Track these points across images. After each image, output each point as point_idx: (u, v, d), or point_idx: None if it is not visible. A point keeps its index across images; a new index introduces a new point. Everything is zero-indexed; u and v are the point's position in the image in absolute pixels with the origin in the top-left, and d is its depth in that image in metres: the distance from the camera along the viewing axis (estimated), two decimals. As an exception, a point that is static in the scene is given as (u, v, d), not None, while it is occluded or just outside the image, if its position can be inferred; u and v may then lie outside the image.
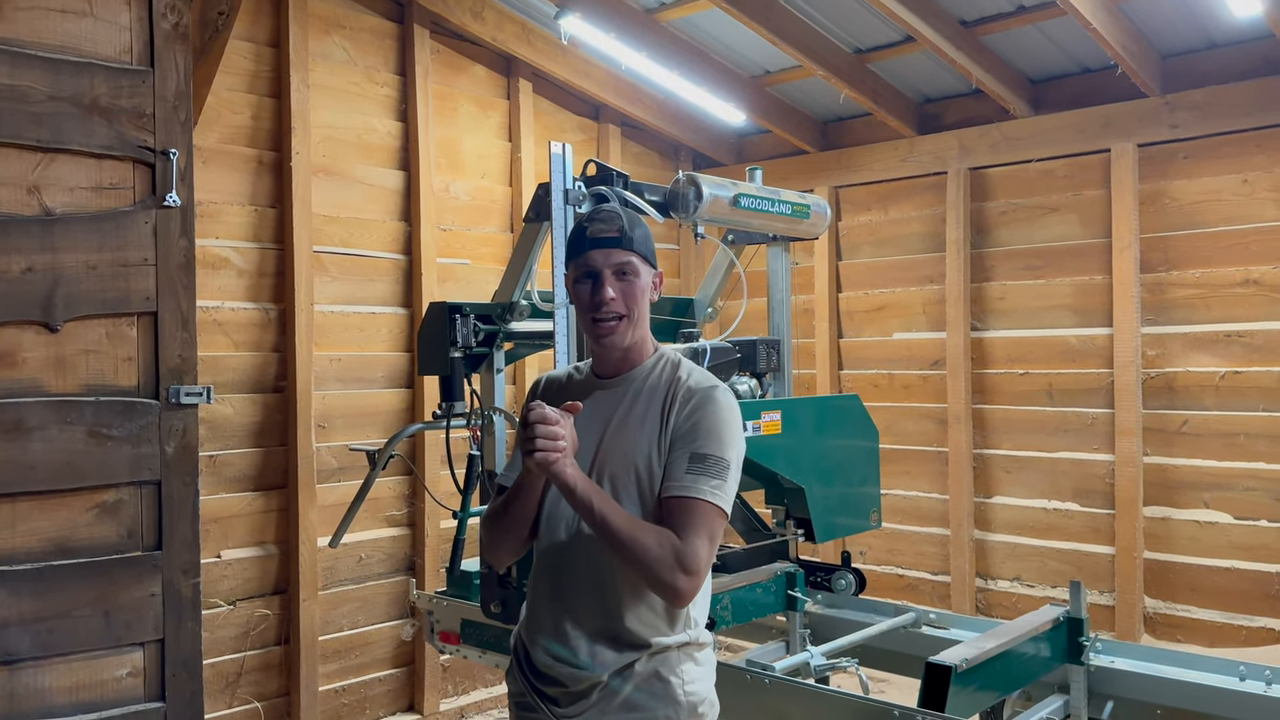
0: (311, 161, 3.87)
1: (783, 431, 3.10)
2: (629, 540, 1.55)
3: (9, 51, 2.11)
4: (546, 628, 1.68)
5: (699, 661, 1.71)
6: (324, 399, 3.89)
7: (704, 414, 1.64)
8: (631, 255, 1.69)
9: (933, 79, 4.50)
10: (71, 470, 2.19)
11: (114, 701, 2.24)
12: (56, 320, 2.18)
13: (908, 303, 4.81)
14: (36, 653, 2.14)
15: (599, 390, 1.75)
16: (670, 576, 1.55)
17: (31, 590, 2.14)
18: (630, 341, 1.71)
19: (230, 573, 3.66)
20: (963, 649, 2.13)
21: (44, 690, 2.16)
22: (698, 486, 1.60)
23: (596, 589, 1.65)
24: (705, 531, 1.58)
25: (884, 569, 4.88)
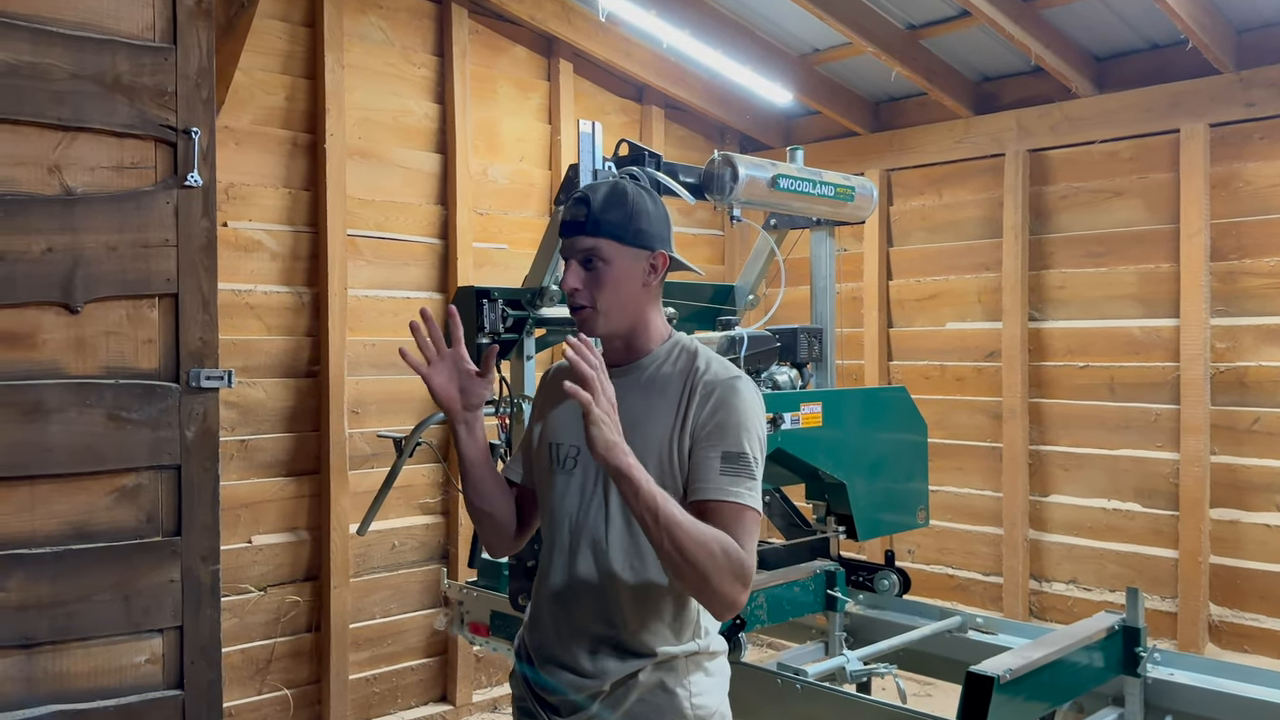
0: (346, 144, 3.86)
1: (824, 424, 3.02)
2: (697, 548, 1.42)
3: (30, 28, 2.11)
4: (548, 633, 1.62)
5: (709, 672, 1.62)
6: (357, 384, 3.89)
7: (730, 408, 1.54)
8: (598, 240, 1.58)
9: (990, 56, 4.35)
10: (90, 453, 2.19)
11: (132, 688, 2.24)
12: (77, 301, 2.18)
13: (962, 291, 4.67)
14: (54, 637, 2.15)
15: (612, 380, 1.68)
16: (731, 588, 1.45)
17: (50, 574, 2.15)
18: (607, 331, 1.62)
19: (261, 558, 3.68)
20: (1007, 658, 2.04)
21: (62, 675, 2.17)
22: (736, 490, 1.50)
23: (599, 594, 1.58)
24: (751, 538, 1.49)
25: (933, 568, 4.76)
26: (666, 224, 1.66)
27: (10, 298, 2.09)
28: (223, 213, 3.60)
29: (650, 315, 1.65)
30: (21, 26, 2.08)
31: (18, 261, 2.09)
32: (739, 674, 2.36)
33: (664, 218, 1.65)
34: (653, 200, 1.64)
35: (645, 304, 1.63)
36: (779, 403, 2.84)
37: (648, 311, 1.64)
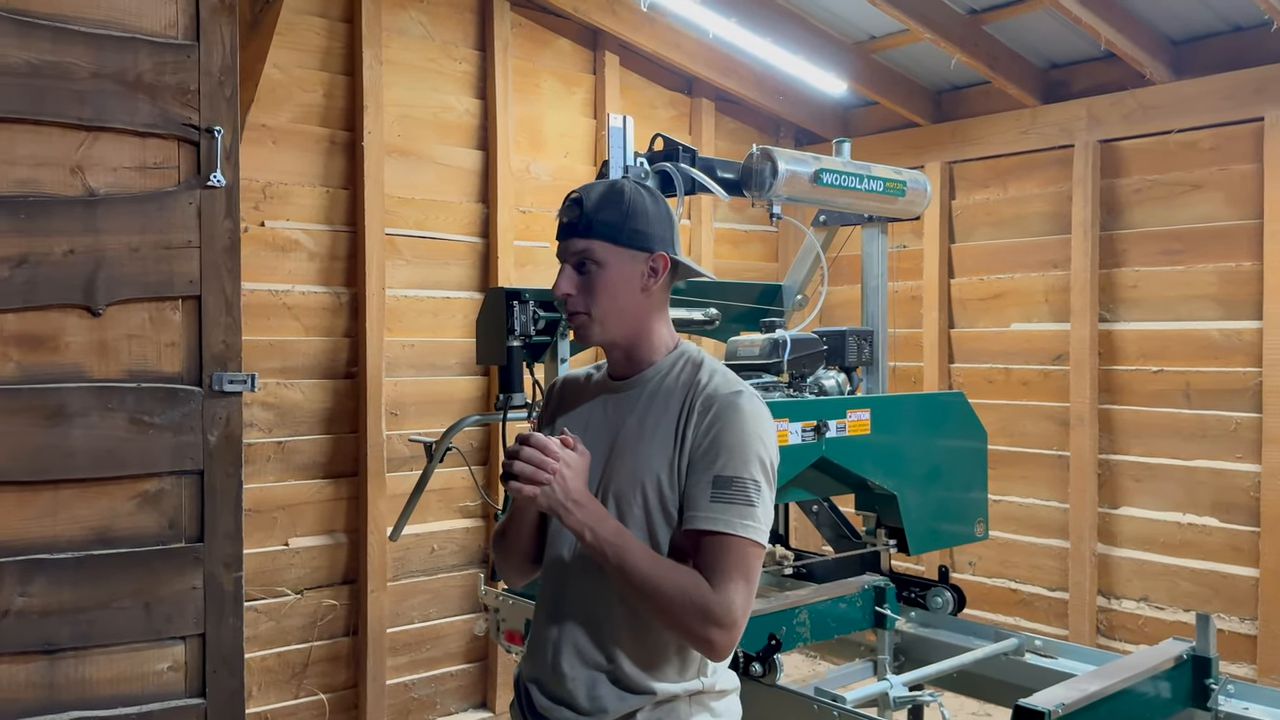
0: (385, 141, 3.86)
1: (872, 431, 2.92)
2: (646, 590, 1.40)
3: (52, 27, 2.12)
4: (544, 664, 1.55)
5: (716, 713, 1.53)
6: (396, 385, 3.89)
7: (725, 427, 1.45)
8: (591, 242, 1.50)
9: (1058, 41, 4.17)
10: (112, 458, 2.20)
11: (155, 695, 2.25)
12: (99, 304, 2.19)
13: (1028, 290, 4.50)
14: (76, 643, 2.17)
15: (608, 394, 1.60)
16: (703, 631, 1.39)
17: (72, 579, 2.16)
18: (604, 339, 1.55)
19: (298, 561, 3.70)
20: (1060, 690, 1.92)
21: (85, 681, 2.19)
22: (726, 519, 1.42)
23: (594, 624, 1.51)
24: (740, 573, 1.41)
25: (996, 582, 4.60)
26: (669, 224, 1.57)
27: (33, 300, 2.11)
28: (260, 212, 3.63)
29: (653, 323, 1.57)
30: (43, 25, 2.10)
31: (40, 264, 2.11)
32: (774, 697, 2.29)
33: (665, 218, 1.57)
34: (653, 199, 1.56)
35: (647, 311, 1.55)
36: (822, 409, 2.76)
37: (650, 319, 1.56)
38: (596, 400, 1.61)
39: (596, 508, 1.44)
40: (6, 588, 2.11)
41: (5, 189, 2.10)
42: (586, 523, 1.41)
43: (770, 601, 2.70)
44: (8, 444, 2.10)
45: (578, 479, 1.44)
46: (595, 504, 1.45)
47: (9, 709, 2.12)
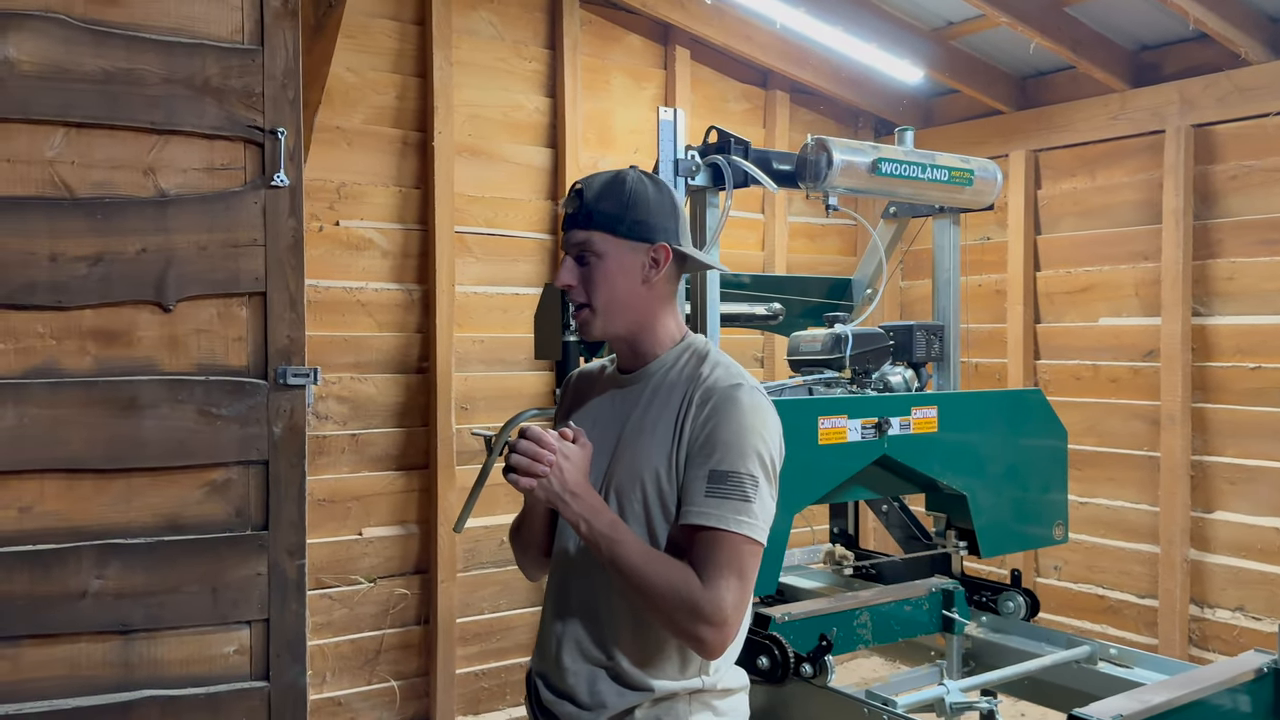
0: (455, 140, 3.94)
1: (940, 429, 2.86)
2: (638, 584, 1.41)
3: (126, 35, 2.23)
4: (549, 658, 1.56)
5: (718, 711, 1.52)
6: (466, 380, 3.97)
7: (722, 420, 1.44)
8: (591, 233, 1.50)
9: (1148, 22, 4.00)
10: (182, 448, 2.30)
11: (221, 677, 2.35)
12: (169, 300, 2.29)
13: (1117, 283, 4.33)
14: (149, 625, 2.28)
15: (615, 388, 1.61)
16: (692, 628, 1.39)
17: (144, 564, 2.27)
18: (605, 332, 1.55)
19: (371, 550, 3.81)
20: (1120, 700, 1.85)
21: (157, 661, 2.30)
22: (720, 514, 1.41)
23: (598, 621, 1.51)
24: (732, 570, 1.40)
25: (1081, 587, 4.45)
26: (673, 215, 1.56)
27: (108, 297, 2.23)
28: (335, 212, 3.75)
29: (657, 316, 1.56)
30: (117, 34, 2.21)
31: (115, 262, 2.22)
32: (824, 699, 2.26)
33: (669, 208, 1.55)
34: (657, 189, 1.55)
35: (650, 303, 1.55)
36: (884, 406, 2.71)
37: (654, 311, 1.55)
38: (605, 394, 1.62)
39: (593, 499, 1.45)
40: (85, 570, 2.23)
41: (84, 191, 2.22)
42: (582, 514, 1.43)
43: (824, 602, 2.67)
44: (85, 434, 2.22)
45: (576, 471, 1.45)
46: (593, 496, 1.46)
47: (88, 686, 2.24)
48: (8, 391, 2.15)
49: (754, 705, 2.52)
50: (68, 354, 2.20)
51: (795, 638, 2.39)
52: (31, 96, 2.15)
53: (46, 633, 2.19)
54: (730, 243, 4.90)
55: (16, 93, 2.14)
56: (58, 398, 2.18)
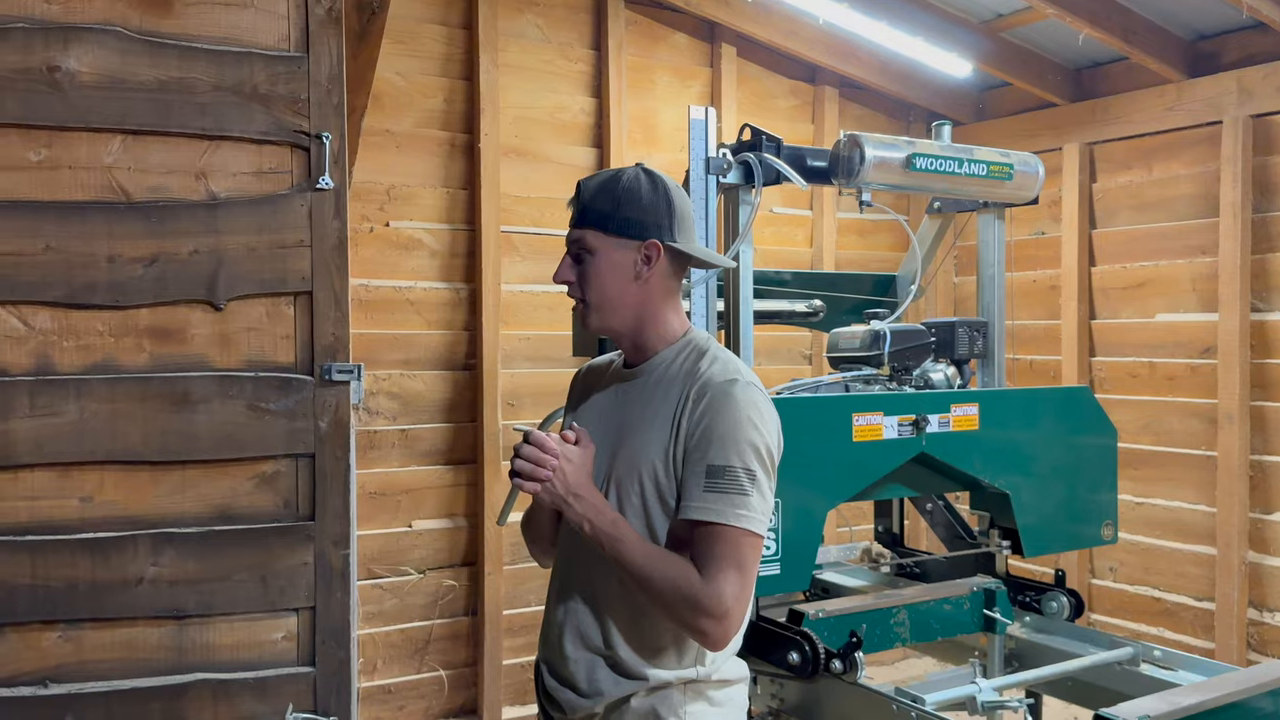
0: (501, 142, 4.01)
1: (981, 427, 2.84)
2: (640, 580, 1.45)
3: (178, 46, 2.32)
4: (552, 646, 1.60)
5: (714, 701, 1.54)
6: (513, 377, 4.05)
7: (717, 415, 1.47)
8: (584, 231, 1.56)
9: (1204, 10, 3.91)
10: (233, 442, 2.39)
11: (270, 663, 2.43)
12: (220, 299, 2.38)
13: (1174, 278, 4.24)
14: (201, 611, 2.37)
15: (619, 382, 1.65)
16: (694, 621, 1.43)
17: (196, 552, 2.37)
18: (601, 326, 1.59)
19: (420, 542, 3.91)
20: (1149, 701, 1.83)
21: (209, 646, 2.39)
22: (719, 509, 1.44)
23: (597, 610, 1.55)
24: (731, 563, 1.43)
25: (1137, 589, 4.37)
26: (668, 212, 1.57)
27: (162, 296, 2.32)
28: (385, 213, 3.84)
29: (657, 311, 1.59)
30: (170, 45, 2.30)
31: (168, 262, 2.32)
32: (854, 695, 2.27)
33: (663, 206, 1.57)
34: (652, 187, 1.57)
35: (647, 299, 1.58)
36: (922, 403, 2.70)
37: (652, 307, 1.59)
38: (609, 387, 1.66)
39: (596, 499, 1.49)
40: (141, 558, 2.33)
41: (139, 195, 2.32)
42: (585, 515, 1.47)
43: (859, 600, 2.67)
44: (141, 427, 2.32)
45: (578, 472, 1.49)
46: (595, 496, 1.49)
47: (144, 668, 2.34)
48: (70, 387, 2.26)
49: (787, 701, 2.54)
50: (125, 351, 2.30)
51: (828, 634, 2.40)
52: (91, 106, 2.25)
53: (106, 617, 2.29)
54: (778, 240, 4.91)
55: (77, 102, 2.25)
56: (116, 393, 2.29)
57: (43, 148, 2.24)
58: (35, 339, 2.25)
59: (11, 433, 2.22)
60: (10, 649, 2.25)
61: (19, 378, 2.22)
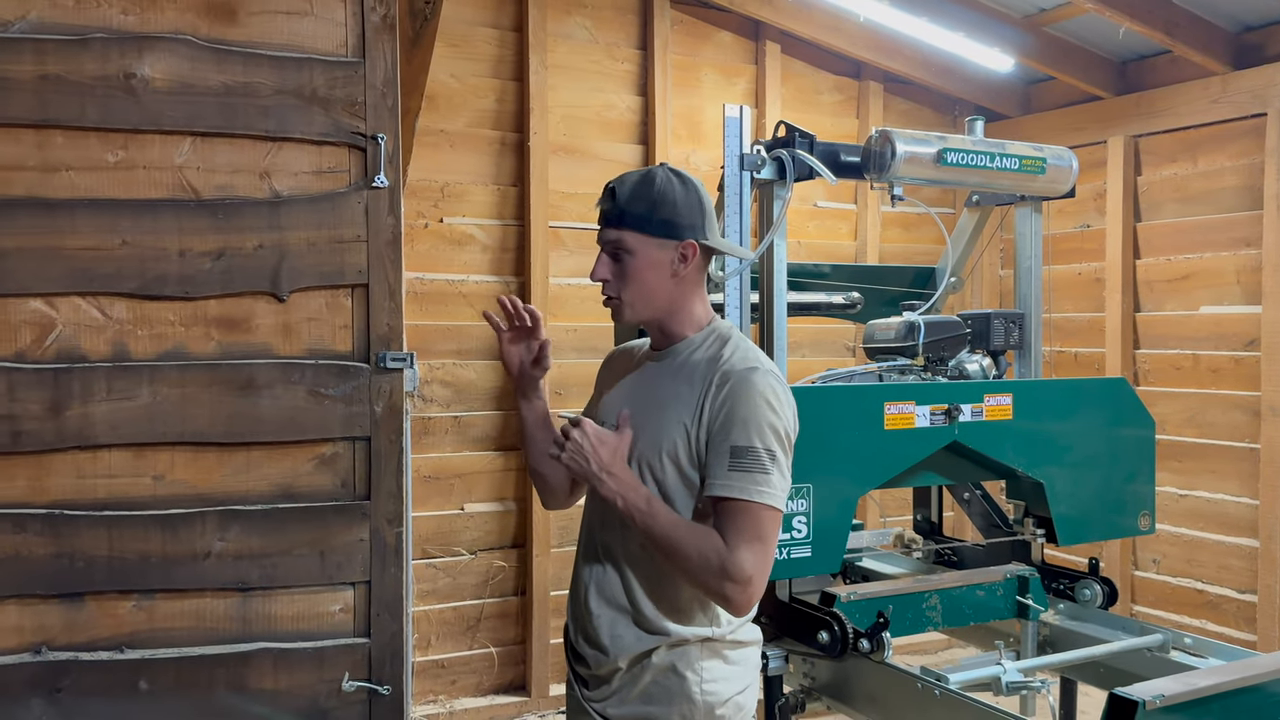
0: (550, 140, 4.09)
1: (1015, 417, 2.84)
2: (670, 550, 1.53)
3: (243, 52, 2.43)
4: (580, 605, 1.69)
5: (729, 660, 1.62)
6: (560, 367, 4.13)
7: (739, 400, 1.55)
8: (622, 232, 1.61)
9: (1248, 2, 3.83)
10: (294, 425, 2.50)
11: (328, 633, 2.54)
12: (283, 291, 2.49)
13: (1218, 270, 4.17)
14: (264, 584, 2.49)
15: (648, 364, 1.72)
16: (720, 587, 1.51)
17: (261, 528, 2.48)
18: (634, 319, 1.66)
19: (472, 525, 4.01)
20: (1165, 682, 1.83)
21: (271, 617, 2.50)
22: (742, 486, 1.52)
23: (620, 572, 1.63)
24: (754, 535, 1.51)
25: (1180, 581, 4.31)
26: (700, 212, 1.64)
27: (229, 288, 2.44)
28: (439, 209, 3.95)
29: (686, 302, 1.67)
30: (236, 52, 2.41)
31: (235, 256, 2.43)
32: (881, 673, 2.31)
33: (696, 206, 1.64)
34: (684, 188, 1.64)
35: (679, 293, 1.65)
36: (954, 393, 2.72)
37: (683, 299, 1.66)
38: (638, 370, 1.73)
39: (628, 478, 1.57)
40: (209, 533, 2.45)
41: (207, 193, 2.43)
42: (619, 491, 1.55)
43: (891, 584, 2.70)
44: (209, 411, 2.44)
45: (611, 454, 1.57)
46: (628, 474, 1.58)
47: (211, 636, 2.46)
48: (144, 372, 2.38)
49: (819, 680, 2.59)
50: (194, 339, 2.43)
51: (859, 616, 2.44)
52: (163, 109, 2.37)
53: (176, 588, 2.42)
54: (822, 233, 4.92)
55: (151, 106, 2.37)
56: (186, 378, 2.41)
57: (119, 149, 2.37)
58: (112, 328, 2.38)
59: (91, 415, 2.35)
60: (90, 616, 2.39)
61: (98, 364, 2.36)
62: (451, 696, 4.02)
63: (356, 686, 2.49)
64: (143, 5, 2.38)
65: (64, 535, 2.35)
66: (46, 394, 2.33)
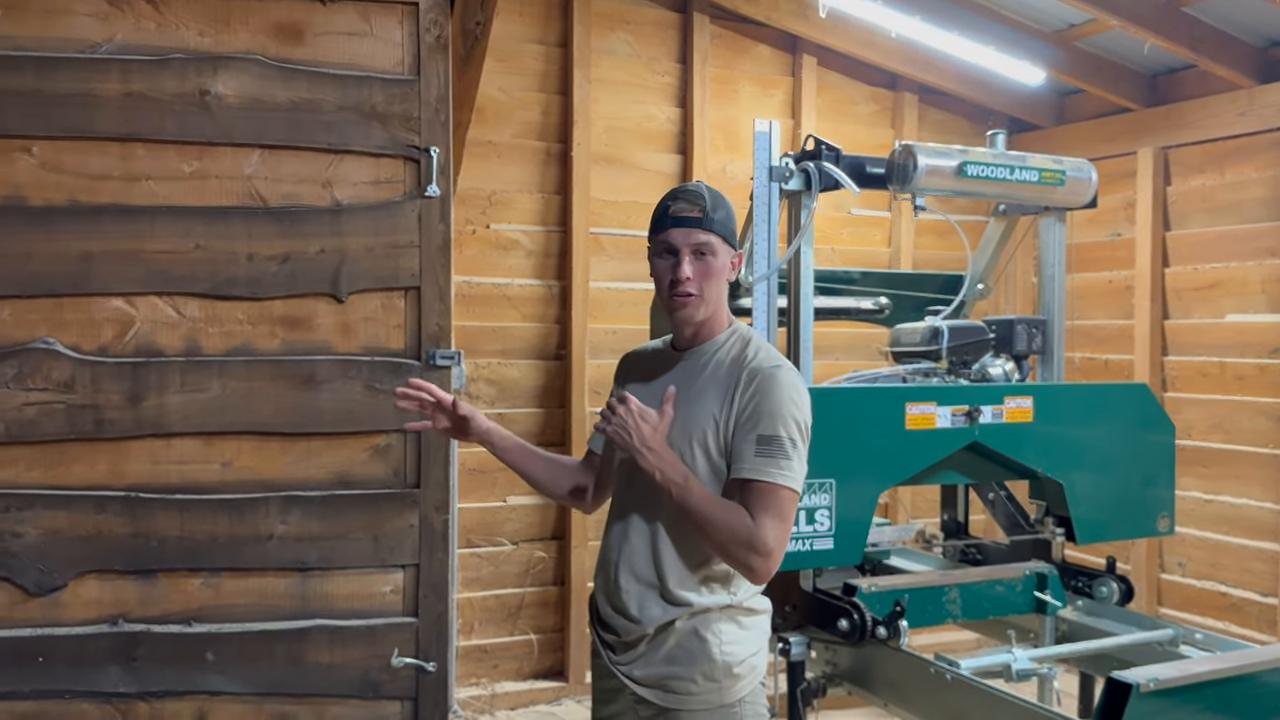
0: (592, 150, 4.20)
1: (1035, 420, 2.89)
2: (702, 522, 1.65)
3: (308, 71, 2.57)
4: (610, 577, 1.80)
5: (743, 626, 1.76)
6: (599, 367, 4.23)
7: (766, 395, 1.69)
8: (711, 236, 1.73)
9: (1274, 18, 3.83)
10: (351, 417, 2.63)
11: (380, 612, 2.67)
12: (342, 293, 2.62)
13: (1244, 279, 4.16)
14: (321, 565, 2.62)
15: (678, 360, 1.84)
16: (745, 558, 1.64)
17: (319, 513, 2.61)
18: (702, 317, 1.78)
19: (514, 517, 4.13)
20: (1160, 668, 1.89)
21: (327, 595, 2.63)
22: (765, 469, 1.66)
23: (647, 545, 1.76)
24: (776, 513, 1.65)
25: (1204, 584, 4.31)
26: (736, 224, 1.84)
27: (293, 290, 2.58)
28: (486, 216, 4.08)
29: (724, 304, 1.82)
30: (301, 71, 2.55)
31: (298, 260, 2.57)
32: (897, 659, 2.38)
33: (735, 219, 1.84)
34: (730, 204, 1.82)
35: (723, 296, 1.81)
36: (976, 395, 2.78)
37: (722, 301, 1.81)
38: (667, 366, 1.84)
39: (667, 454, 1.69)
40: (272, 517, 2.59)
41: (274, 202, 2.57)
42: (658, 466, 1.66)
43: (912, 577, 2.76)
44: (273, 403, 2.58)
45: (653, 431, 1.68)
46: (667, 451, 1.69)
47: (272, 613, 2.60)
48: (214, 367, 2.53)
49: (840, 666, 2.66)
50: (260, 337, 2.57)
51: (879, 607, 2.51)
52: (234, 124, 2.52)
53: (241, 567, 2.56)
54: (856, 240, 4.98)
55: (223, 121, 2.51)
56: (252, 373, 2.55)
57: (194, 160, 2.52)
58: (186, 325, 2.53)
59: (166, 406, 2.50)
60: (162, 592, 2.54)
61: (173, 359, 2.51)
62: (494, 680, 4.14)
63: (405, 662, 2.61)
64: (217, 27, 2.53)
65: (140, 516, 2.50)
66: (126, 386, 2.48)
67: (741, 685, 1.74)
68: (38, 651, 2.45)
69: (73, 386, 2.45)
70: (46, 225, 2.43)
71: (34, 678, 2.45)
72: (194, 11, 2.51)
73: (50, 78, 2.42)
